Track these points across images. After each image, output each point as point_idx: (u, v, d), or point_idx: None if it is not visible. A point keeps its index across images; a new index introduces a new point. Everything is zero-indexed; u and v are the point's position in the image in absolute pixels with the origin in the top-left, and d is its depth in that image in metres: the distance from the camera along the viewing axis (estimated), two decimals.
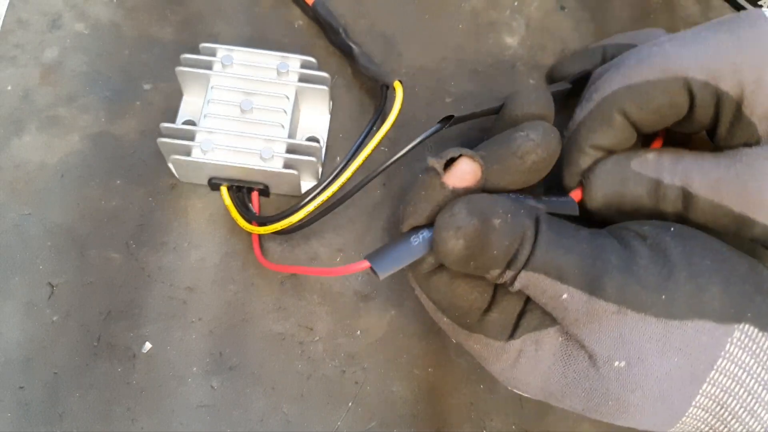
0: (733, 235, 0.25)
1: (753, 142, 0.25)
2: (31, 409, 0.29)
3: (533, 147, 0.25)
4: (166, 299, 0.32)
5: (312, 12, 0.38)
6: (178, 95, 0.35)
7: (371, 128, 0.33)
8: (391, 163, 0.28)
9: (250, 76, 0.34)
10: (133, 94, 0.36)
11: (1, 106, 0.35)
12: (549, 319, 0.25)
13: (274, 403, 0.30)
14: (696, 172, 0.26)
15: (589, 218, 0.28)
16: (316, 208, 0.30)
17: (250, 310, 0.32)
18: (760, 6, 0.41)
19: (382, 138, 0.31)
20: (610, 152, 0.28)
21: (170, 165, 0.33)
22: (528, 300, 0.26)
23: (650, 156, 0.27)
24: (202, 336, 0.31)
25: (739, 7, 0.41)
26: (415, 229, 0.25)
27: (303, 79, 0.34)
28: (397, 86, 0.33)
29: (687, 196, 0.26)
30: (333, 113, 0.36)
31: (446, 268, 0.26)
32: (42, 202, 0.33)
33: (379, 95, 0.35)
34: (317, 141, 0.35)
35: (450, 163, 0.25)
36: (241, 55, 0.34)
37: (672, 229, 0.25)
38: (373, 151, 0.31)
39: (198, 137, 0.32)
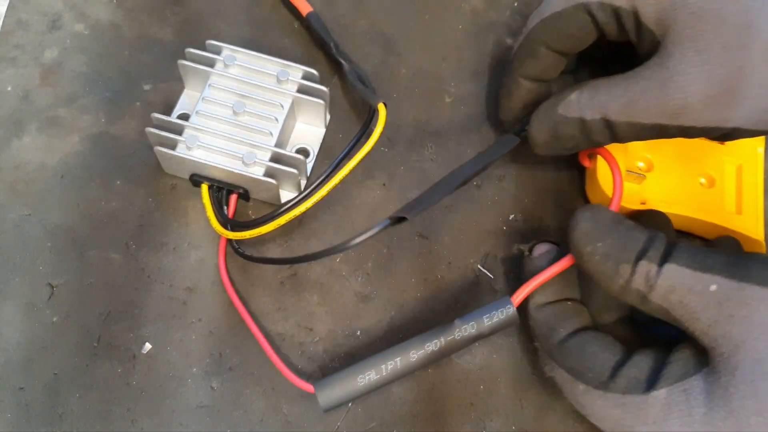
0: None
1: (655, 50, 0.27)
2: (31, 410, 0.29)
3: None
4: (166, 300, 0.32)
5: (305, 24, 0.38)
6: (178, 95, 0.35)
7: (352, 147, 0.33)
8: (346, 249, 0.28)
9: (249, 79, 0.34)
10: (133, 94, 0.36)
11: (1, 107, 0.35)
12: (693, 365, 0.24)
13: (274, 403, 0.30)
14: (609, 100, 0.28)
15: None
16: (289, 221, 0.30)
17: (250, 311, 0.32)
18: None
19: (362, 159, 0.31)
20: (541, 80, 0.32)
21: (155, 155, 0.33)
22: (664, 354, 0.25)
23: (572, 96, 0.29)
24: (202, 336, 0.31)
25: None
26: (364, 368, 0.28)
27: (301, 90, 0.34)
28: (381, 108, 0.32)
29: (609, 125, 0.28)
30: (334, 114, 0.36)
31: (576, 335, 0.27)
32: (42, 202, 0.33)
33: (368, 110, 0.34)
34: (306, 153, 0.35)
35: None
36: (245, 57, 0.34)
37: None
38: (351, 170, 0.31)
39: (185, 132, 0.32)
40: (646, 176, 0.34)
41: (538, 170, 0.36)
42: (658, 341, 0.27)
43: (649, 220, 0.31)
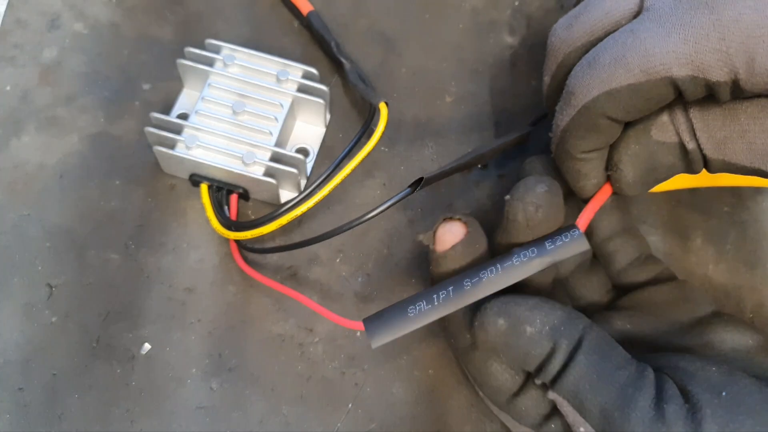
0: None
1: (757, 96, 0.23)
2: (30, 411, 0.29)
3: (533, 212, 0.25)
4: (165, 300, 0.32)
5: (306, 22, 0.38)
6: (177, 95, 0.35)
7: (353, 146, 0.33)
8: (362, 222, 0.28)
9: (249, 78, 0.33)
10: (132, 94, 0.36)
11: None
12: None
13: (274, 404, 0.30)
14: (702, 132, 0.24)
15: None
16: (289, 222, 0.30)
17: (249, 312, 0.32)
18: None
19: (363, 158, 0.31)
20: (604, 148, 0.26)
21: (155, 155, 0.33)
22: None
23: (665, 118, 0.25)
24: (202, 337, 0.31)
25: None
26: (415, 299, 0.26)
27: (301, 89, 0.34)
28: (382, 107, 0.32)
29: (703, 157, 0.25)
30: (334, 113, 0.36)
31: None
32: (41, 202, 0.33)
33: (369, 109, 0.34)
34: (306, 153, 0.35)
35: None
36: (244, 56, 0.34)
37: (724, 394, 0.23)
38: (353, 170, 0.31)
39: (185, 132, 0.32)
40: None
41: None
42: None
43: None
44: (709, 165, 0.25)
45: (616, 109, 0.24)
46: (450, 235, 0.26)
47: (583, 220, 0.26)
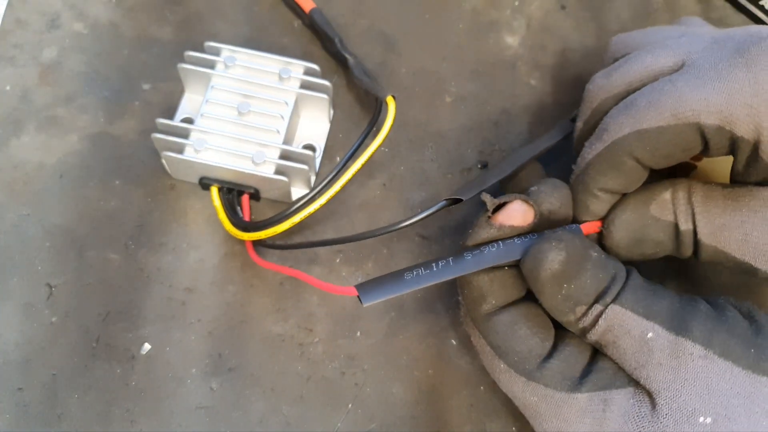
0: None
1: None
2: (29, 411, 0.29)
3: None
4: (165, 300, 0.32)
5: (308, 20, 0.38)
6: (177, 95, 0.35)
7: (363, 140, 0.33)
8: (390, 231, 0.28)
9: (251, 78, 0.33)
10: (132, 94, 0.36)
11: None
12: (621, 379, 0.24)
13: (274, 404, 0.30)
14: (702, 215, 0.25)
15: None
16: (303, 220, 0.30)
17: (249, 312, 0.32)
18: (761, 6, 0.40)
19: (374, 152, 0.31)
20: (619, 193, 0.27)
21: (163, 161, 0.33)
22: (596, 356, 0.25)
23: (666, 196, 0.26)
24: (202, 337, 0.31)
25: (740, 7, 0.41)
26: (413, 266, 0.26)
27: (304, 85, 0.34)
28: (390, 101, 0.32)
29: (695, 240, 0.25)
30: (335, 112, 0.36)
31: (507, 309, 0.26)
32: (41, 202, 0.33)
33: (375, 103, 0.35)
34: (313, 149, 0.35)
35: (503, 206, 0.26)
36: (245, 56, 0.34)
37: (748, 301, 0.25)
38: (363, 165, 0.31)
39: (192, 136, 0.32)
40: (697, 166, 0.33)
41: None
42: None
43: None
44: (700, 250, 0.26)
45: (643, 150, 0.25)
46: (519, 215, 0.26)
47: (587, 226, 0.27)
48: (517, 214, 0.26)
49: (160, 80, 0.36)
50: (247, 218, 0.32)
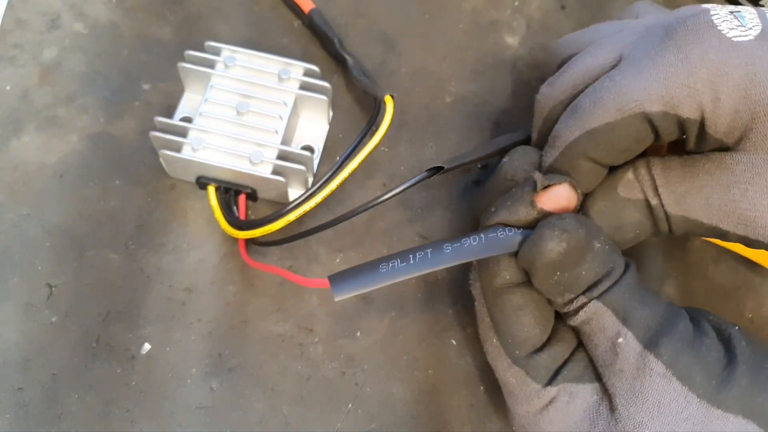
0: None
1: (723, 149, 0.24)
2: (29, 411, 0.29)
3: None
4: (165, 300, 0.32)
5: (307, 20, 0.38)
6: (177, 95, 0.35)
7: (360, 140, 0.33)
8: (375, 204, 0.28)
9: (251, 78, 0.33)
10: (132, 94, 0.36)
11: None
12: (589, 374, 0.25)
13: (274, 404, 0.30)
14: (664, 187, 0.25)
15: None
16: (297, 218, 0.30)
17: (249, 311, 0.32)
18: (761, 6, 0.40)
19: (371, 152, 0.31)
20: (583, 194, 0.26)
21: (161, 159, 0.33)
22: (575, 349, 0.26)
23: (629, 176, 0.26)
24: (202, 337, 0.31)
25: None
26: (389, 258, 0.25)
27: (304, 86, 0.34)
28: (388, 101, 0.32)
29: (666, 213, 0.25)
30: (334, 112, 0.36)
31: (519, 290, 0.26)
32: (41, 202, 0.33)
33: (374, 104, 0.34)
34: (312, 150, 0.35)
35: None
36: (245, 57, 0.34)
37: (737, 327, 0.25)
38: (360, 164, 0.31)
39: (190, 135, 0.32)
40: None
41: None
42: None
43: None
44: (671, 222, 0.25)
45: (596, 149, 0.25)
46: (564, 201, 0.25)
47: None
48: (562, 199, 0.25)
49: (160, 80, 0.36)
50: (242, 217, 0.32)
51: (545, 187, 0.25)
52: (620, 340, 0.24)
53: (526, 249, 0.24)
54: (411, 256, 0.25)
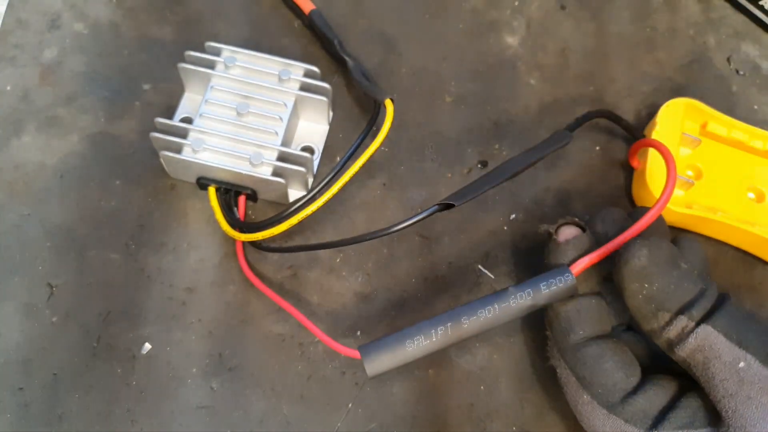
0: None
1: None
2: (30, 410, 0.29)
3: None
4: (165, 300, 0.32)
5: (308, 21, 0.38)
6: (177, 95, 0.35)
7: (360, 143, 0.33)
8: (385, 234, 0.28)
9: (251, 79, 0.34)
10: (133, 94, 0.36)
11: (0, 107, 0.35)
12: (701, 419, 0.24)
13: (274, 404, 0.30)
14: None
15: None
16: (301, 221, 0.30)
17: (249, 311, 0.32)
18: (761, 6, 0.40)
19: (371, 155, 0.31)
20: None
21: (161, 160, 0.33)
22: (678, 395, 0.25)
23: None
24: (202, 337, 0.31)
25: (739, 7, 0.41)
26: (414, 332, 0.26)
27: (304, 87, 0.34)
28: (389, 104, 0.32)
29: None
30: (335, 112, 0.36)
31: (595, 342, 0.26)
32: (41, 202, 0.33)
33: (374, 106, 0.34)
34: (312, 151, 0.35)
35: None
36: (245, 57, 0.34)
37: None
38: (362, 167, 0.31)
39: (190, 136, 0.32)
40: (694, 183, 0.34)
41: (538, 169, 0.36)
42: (673, 368, 0.26)
43: (683, 245, 0.28)
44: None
45: None
46: (573, 230, 0.29)
47: (578, 268, 0.27)
48: (569, 230, 0.28)
49: (161, 80, 0.37)
50: (241, 219, 0.32)
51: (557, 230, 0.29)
52: (741, 364, 0.23)
53: (618, 262, 0.25)
54: (433, 332, 0.26)
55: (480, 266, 0.34)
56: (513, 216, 0.35)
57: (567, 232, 0.28)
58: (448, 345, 0.26)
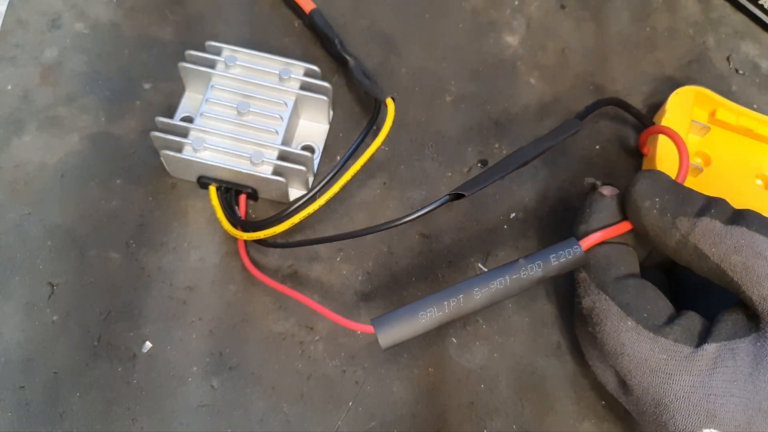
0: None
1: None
2: (31, 409, 0.29)
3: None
4: (166, 299, 0.32)
5: (308, 21, 0.38)
6: (178, 95, 0.35)
7: (361, 142, 0.33)
8: (394, 225, 0.28)
9: (251, 78, 0.34)
10: (133, 93, 0.36)
11: (0, 106, 0.35)
12: (742, 329, 0.25)
13: (274, 403, 0.30)
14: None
15: None
16: (302, 220, 0.30)
17: (250, 310, 0.32)
18: (761, 6, 0.40)
19: (371, 155, 0.31)
20: None
21: (162, 159, 0.33)
22: (718, 314, 0.26)
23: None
24: (202, 336, 0.31)
25: (740, 7, 0.41)
26: (427, 303, 0.26)
27: (304, 87, 0.34)
28: (390, 103, 0.32)
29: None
30: (335, 111, 0.36)
31: (633, 278, 0.27)
32: (42, 202, 0.33)
33: (374, 105, 0.34)
34: (312, 150, 0.35)
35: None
36: (245, 56, 0.34)
37: None
38: (362, 166, 0.31)
39: (191, 135, 0.32)
40: (703, 170, 0.34)
41: (539, 169, 0.36)
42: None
43: None
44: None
45: None
46: (611, 189, 0.30)
47: (589, 242, 0.28)
48: (610, 188, 0.30)
49: (161, 80, 0.37)
50: (242, 217, 0.32)
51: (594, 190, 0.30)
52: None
53: (627, 194, 0.27)
54: (446, 303, 0.26)
55: (480, 265, 0.34)
56: (513, 215, 0.35)
57: (609, 189, 0.30)
58: (460, 317, 0.27)
